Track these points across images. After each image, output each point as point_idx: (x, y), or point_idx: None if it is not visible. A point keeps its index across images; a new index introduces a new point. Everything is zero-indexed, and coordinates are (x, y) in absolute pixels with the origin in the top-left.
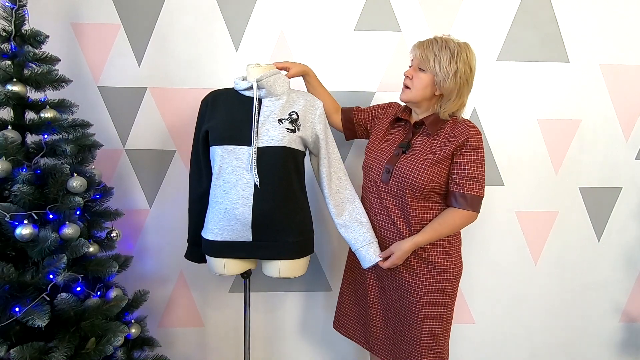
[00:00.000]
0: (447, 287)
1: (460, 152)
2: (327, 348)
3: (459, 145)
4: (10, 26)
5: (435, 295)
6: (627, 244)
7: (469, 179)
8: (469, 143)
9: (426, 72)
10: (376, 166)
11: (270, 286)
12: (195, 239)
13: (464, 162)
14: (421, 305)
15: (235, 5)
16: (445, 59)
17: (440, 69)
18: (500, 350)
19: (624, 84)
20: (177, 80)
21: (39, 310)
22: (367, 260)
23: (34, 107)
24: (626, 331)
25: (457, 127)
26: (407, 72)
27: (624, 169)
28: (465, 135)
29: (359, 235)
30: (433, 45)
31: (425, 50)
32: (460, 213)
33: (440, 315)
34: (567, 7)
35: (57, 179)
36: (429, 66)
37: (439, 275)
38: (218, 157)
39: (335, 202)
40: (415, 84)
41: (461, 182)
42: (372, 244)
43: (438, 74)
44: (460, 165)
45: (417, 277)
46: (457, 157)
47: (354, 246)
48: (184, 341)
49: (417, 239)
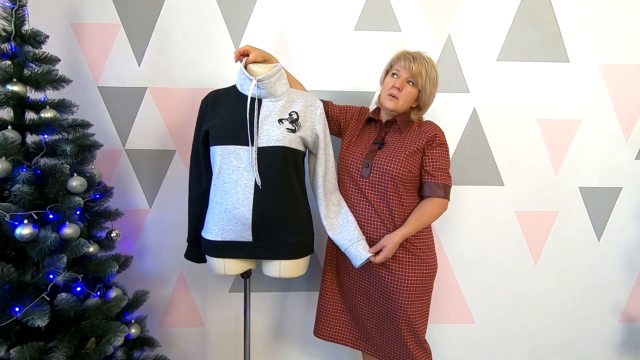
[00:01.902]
0: (428, 276)
1: (431, 147)
2: (327, 348)
3: (429, 140)
4: (10, 26)
5: (417, 285)
6: (627, 244)
7: (440, 170)
8: (437, 139)
9: (414, 87)
10: (355, 162)
11: (270, 286)
12: (195, 239)
13: (435, 155)
14: (407, 293)
15: (235, 5)
16: (432, 79)
17: (429, 88)
18: (500, 350)
19: (624, 84)
20: (177, 80)
21: (39, 310)
22: (358, 257)
23: (34, 107)
24: (626, 331)
25: (424, 126)
26: (397, 84)
27: (624, 169)
28: (433, 132)
29: (346, 234)
30: (425, 65)
31: (420, 67)
32: (437, 202)
33: (423, 301)
34: (567, 7)
35: (57, 179)
36: (420, 82)
37: (421, 266)
38: (218, 157)
39: (327, 204)
40: (403, 96)
41: (435, 173)
42: (361, 241)
43: (425, 92)
44: (432, 159)
45: (404, 270)
46: (428, 151)
47: (343, 246)
48: (184, 341)
49: (405, 231)
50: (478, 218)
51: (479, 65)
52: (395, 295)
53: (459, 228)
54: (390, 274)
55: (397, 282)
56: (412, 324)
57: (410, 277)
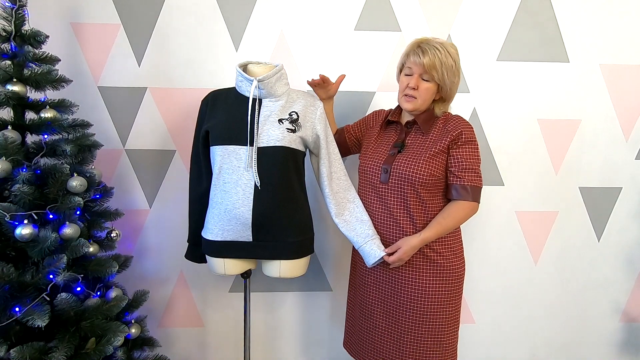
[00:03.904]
0: (453, 284)
1: (456, 146)
2: (327, 348)
3: (454, 138)
4: (10, 26)
5: (441, 295)
6: (627, 244)
7: (467, 170)
8: (463, 136)
9: (430, 81)
10: (373, 168)
11: (270, 286)
12: (196, 238)
13: (461, 154)
14: (429, 306)
15: (235, 5)
16: (451, 68)
17: (448, 79)
18: (500, 350)
19: (624, 84)
20: (177, 80)
21: (39, 310)
22: (371, 255)
23: (34, 107)
24: (626, 331)
25: (450, 123)
26: (412, 84)
27: (624, 169)
28: (458, 129)
29: (361, 232)
30: (438, 54)
31: (432, 59)
32: (463, 205)
33: (448, 314)
34: (567, 7)
35: (57, 179)
36: (436, 76)
37: (444, 274)
38: (218, 157)
39: (337, 202)
40: (422, 94)
41: (460, 174)
42: (375, 240)
43: (445, 84)
44: (457, 159)
45: (423, 278)
46: (453, 151)
47: (357, 244)
48: (184, 341)
49: (425, 235)
50: (478, 218)
51: (479, 65)
52: (412, 304)
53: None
54: (406, 281)
55: (412, 290)
56: (437, 335)
57: (427, 284)
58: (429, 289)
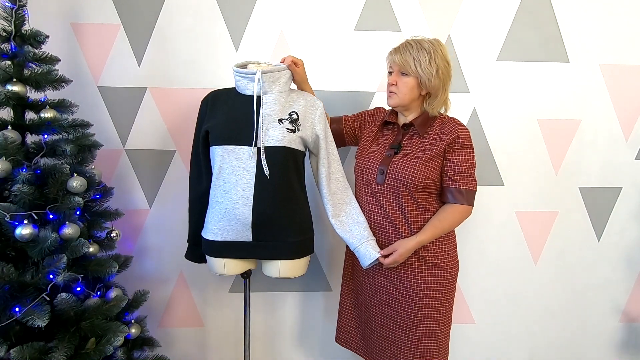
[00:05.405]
0: (446, 284)
1: (452, 149)
2: (327, 348)
3: (450, 142)
4: (10, 26)
5: (435, 294)
6: (627, 244)
7: (462, 174)
8: (459, 140)
9: (409, 76)
10: (369, 169)
11: (270, 286)
12: (195, 239)
13: (457, 158)
14: (423, 305)
15: (235, 5)
16: (425, 60)
17: (423, 70)
18: (500, 350)
19: (624, 84)
20: (177, 80)
21: (39, 310)
22: (367, 257)
23: (34, 107)
24: (626, 331)
25: (447, 126)
26: (390, 80)
27: (624, 169)
28: (455, 133)
29: (356, 233)
30: (409, 49)
31: (404, 55)
32: (458, 208)
33: (442, 313)
34: (567, 7)
35: (57, 179)
36: (410, 69)
37: (438, 273)
38: (218, 157)
39: (334, 203)
40: (400, 88)
41: (456, 178)
42: (371, 241)
43: (422, 75)
44: (453, 162)
45: (418, 277)
46: (449, 155)
47: (352, 245)
48: (184, 341)
49: (421, 238)
50: (478, 218)
51: (479, 65)
52: (406, 302)
53: (459, 228)
54: (399, 279)
55: (406, 288)
56: (430, 334)
57: (421, 283)
58: (422, 288)
